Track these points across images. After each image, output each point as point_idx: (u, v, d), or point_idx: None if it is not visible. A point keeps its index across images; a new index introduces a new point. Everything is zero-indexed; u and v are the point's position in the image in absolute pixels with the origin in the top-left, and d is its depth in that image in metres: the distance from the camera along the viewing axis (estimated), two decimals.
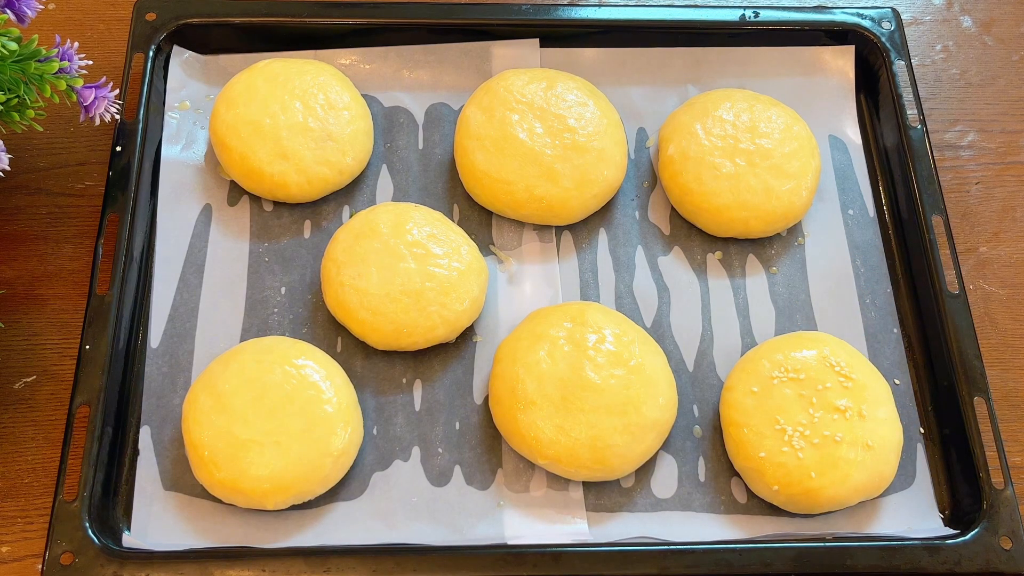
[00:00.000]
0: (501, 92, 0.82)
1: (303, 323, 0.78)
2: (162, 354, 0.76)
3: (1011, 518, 0.70)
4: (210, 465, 0.69)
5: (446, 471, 0.73)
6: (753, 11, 0.90)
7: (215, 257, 0.80)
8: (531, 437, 0.71)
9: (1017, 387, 0.80)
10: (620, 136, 0.83)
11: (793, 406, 0.72)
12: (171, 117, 0.84)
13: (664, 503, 0.73)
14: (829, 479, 0.70)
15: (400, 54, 0.89)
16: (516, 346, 0.74)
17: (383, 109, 0.87)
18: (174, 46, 0.86)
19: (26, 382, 0.76)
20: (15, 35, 0.69)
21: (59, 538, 0.66)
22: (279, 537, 0.70)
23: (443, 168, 0.85)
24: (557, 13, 0.89)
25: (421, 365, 0.77)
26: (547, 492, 0.73)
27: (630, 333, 0.75)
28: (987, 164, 0.91)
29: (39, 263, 0.80)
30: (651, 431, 0.72)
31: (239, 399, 0.70)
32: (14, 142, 0.81)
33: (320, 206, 0.83)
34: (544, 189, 0.80)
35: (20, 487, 0.72)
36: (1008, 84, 0.95)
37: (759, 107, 0.84)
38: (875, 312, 0.81)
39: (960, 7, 0.99)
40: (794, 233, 0.84)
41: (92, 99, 0.73)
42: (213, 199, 0.82)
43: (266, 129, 0.80)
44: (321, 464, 0.69)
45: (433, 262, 0.75)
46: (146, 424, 0.73)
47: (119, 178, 0.79)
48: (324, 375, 0.72)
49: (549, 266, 0.82)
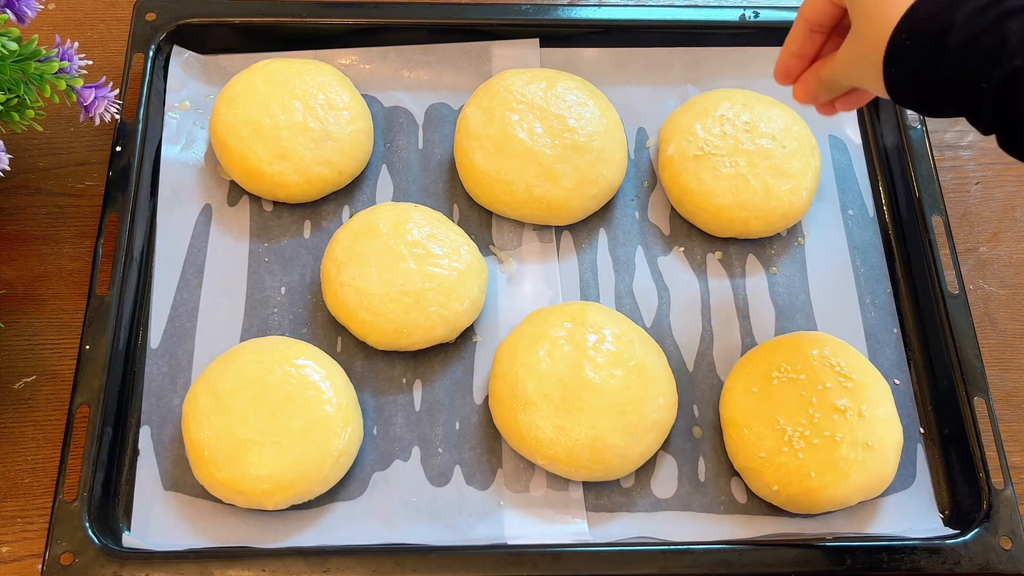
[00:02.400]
0: (501, 92, 0.82)
1: (303, 323, 0.78)
2: (162, 354, 0.76)
3: (1011, 518, 0.70)
4: (210, 465, 0.69)
5: (446, 471, 0.73)
6: (753, 11, 0.90)
7: (215, 257, 0.80)
8: (531, 437, 0.71)
9: (1017, 387, 0.80)
10: (620, 136, 0.83)
11: (793, 406, 0.72)
12: (171, 117, 0.84)
13: (664, 503, 0.73)
14: (829, 479, 0.70)
15: (400, 54, 0.89)
16: (516, 346, 0.74)
17: (383, 109, 0.87)
18: (174, 46, 0.86)
19: (26, 382, 0.76)
20: (15, 35, 0.69)
21: (59, 538, 0.66)
22: (279, 537, 0.70)
23: (443, 168, 0.85)
24: (557, 13, 0.89)
25: (421, 365, 0.77)
26: (547, 492, 0.73)
27: (630, 333, 0.75)
28: (987, 164, 0.91)
29: (39, 263, 0.80)
30: (651, 431, 0.72)
31: (239, 399, 0.70)
32: (14, 142, 0.81)
33: (320, 206, 0.83)
34: (544, 189, 0.80)
35: (20, 487, 0.72)
36: None
37: (759, 107, 0.84)
38: (875, 312, 0.81)
39: None
40: (794, 233, 0.84)
41: (92, 99, 0.73)
42: (213, 199, 0.82)
43: (266, 129, 0.80)
44: (321, 464, 0.69)
45: (433, 262, 0.75)
46: (146, 424, 0.73)
47: (119, 178, 0.79)
48: (324, 375, 0.72)
49: (549, 266, 0.82)
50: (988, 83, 0.52)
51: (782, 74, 0.68)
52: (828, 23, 0.64)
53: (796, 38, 0.66)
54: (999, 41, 0.51)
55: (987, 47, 0.52)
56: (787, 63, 0.68)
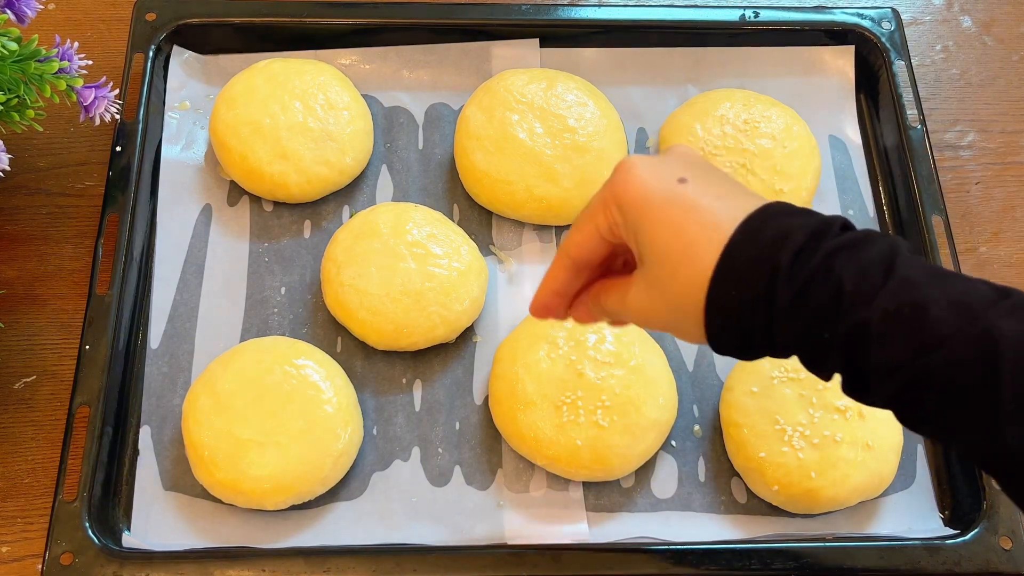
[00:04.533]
0: (501, 92, 0.82)
1: (303, 323, 0.78)
2: (162, 354, 0.76)
3: (1011, 518, 0.70)
4: (210, 465, 0.69)
5: (446, 471, 0.73)
6: (753, 11, 0.89)
7: (215, 257, 0.80)
8: (531, 437, 0.71)
9: None
10: (620, 136, 0.83)
11: (793, 406, 0.72)
12: (171, 117, 0.84)
13: (664, 503, 0.73)
14: (829, 479, 0.70)
15: (400, 54, 0.88)
16: (516, 346, 0.74)
17: (383, 109, 0.87)
18: (174, 46, 0.86)
19: (26, 382, 0.76)
20: (15, 35, 0.69)
21: (59, 538, 0.66)
22: (279, 537, 0.70)
23: (443, 168, 0.85)
24: (557, 13, 0.89)
25: (421, 365, 0.77)
26: (547, 492, 0.73)
27: (630, 333, 0.75)
28: (987, 164, 0.91)
29: (39, 263, 0.80)
30: (651, 431, 0.72)
31: (239, 399, 0.70)
32: (14, 142, 0.81)
33: (320, 206, 0.83)
34: (544, 189, 0.80)
35: (20, 487, 0.72)
36: (1008, 84, 0.95)
37: (759, 107, 0.84)
38: None
39: (960, 7, 0.99)
40: None
41: (92, 99, 0.73)
42: (213, 199, 0.82)
43: (266, 129, 0.80)
44: (321, 464, 0.69)
45: (433, 262, 0.75)
46: (146, 424, 0.73)
47: (119, 178, 0.79)
48: (324, 375, 0.72)
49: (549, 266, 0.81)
50: (832, 336, 0.46)
51: (541, 311, 0.58)
52: (598, 261, 0.55)
53: (557, 276, 0.56)
54: (835, 290, 0.45)
55: (822, 299, 0.46)
56: (548, 301, 0.57)
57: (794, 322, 0.46)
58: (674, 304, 0.50)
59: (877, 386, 0.46)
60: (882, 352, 0.45)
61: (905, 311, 0.45)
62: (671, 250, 0.49)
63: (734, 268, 0.47)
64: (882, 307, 0.45)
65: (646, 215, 0.50)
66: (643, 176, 0.50)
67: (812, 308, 0.46)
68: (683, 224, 0.49)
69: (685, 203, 0.49)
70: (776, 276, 0.46)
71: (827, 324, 0.46)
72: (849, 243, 0.47)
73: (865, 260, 0.46)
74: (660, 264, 0.49)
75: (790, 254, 0.46)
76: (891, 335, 0.45)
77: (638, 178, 0.50)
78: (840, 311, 0.46)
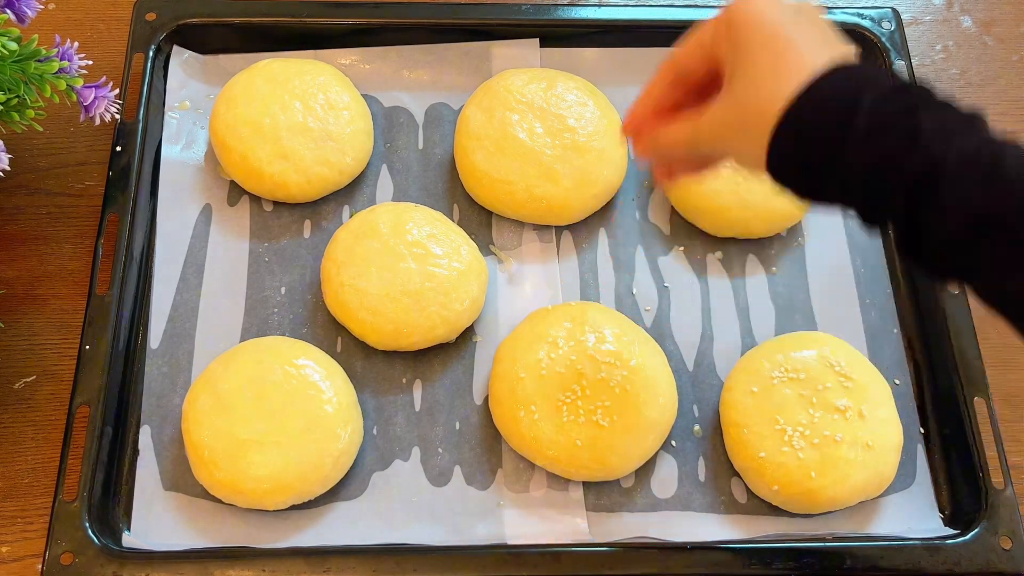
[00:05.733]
0: (501, 92, 0.82)
1: (303, 323, 0.78)
2: (162, 354, 0.76)
3: (1011, 518, 0.70)
4: (210, 465, 0.69)
5: (446, 471, 0.73)
6: None
7: (215, 257, 0.80)
8: (531, 437, 0.71)
9: (1017, 387, 0.80)
10: (620, 136, 0.83)
11: (793, 406, 0.72)
12: (171, 117, 0.84)
13: (664, 503, 0.73)
14: (829, 479, 0.70)
15: (400, 54, 0.89)
16: (516, 346, 0.74)
17: (383, 109, 0.87)
18: (174, 46, 0.86)
19: (26, 382, 0.76)
20: (15, 35, 0.69)
21: (59, 538, 0.66)
22: (279, 537, 0.70)
23: (443, 168, 0.85)
24: (557, 13, 0.89)
25: (421, 365, 0.77)
26: (547, 492, 0.73)
27: (630, 333, 0.75)
28: None
29: (39, 263, 0.80)
30: (651, 431, 0.72)
31: (239, 399, 0.70)
32: (14, 142, 0.81)
33: (320, 206, 0.83)
34: (544, 189, 0.80)
35: (20, 487, 0.72)
36: (1008, 84, 0.95)
37: None
38: (875, 312, 0.81)
39: (960, 7, 0.99)
40: (794, 233, 0.84)
41: (92, 99, 0.73)
42: (213, 199, 0.82)
43: (266, 129, 0.80)
44: (321, 464, 0.69)
45: (433, 262, 0.75)
46: (146, 424, 0.73)
47: (119, 178, 0.79)
48: (324, 375, 0.72)
49: (549, 266, 0.82)
50: (902, 170, 0.47)
51: (635, 122, 0.60)
52: (696, 77, 0.57)
53: (656, 86, 0.58)
54: (912, 128, 0.47)
55: (899, 133, 0.47)
56: (643, 112, 0.59)
57: (867, 149, 0.48)
58: (748, 120, 0.52)
59: (938, 224, 0.47)
60: (952, 191, 0.46)
61: (984, 155, 0.46)
62: (763, 66, 0.51)
63: (819, 94, 0.49)
64: (959, 147, 0.47)
65: (752, 35, 0.52)
66: (761, 3, 0.53)
67: (888, 139, 0.48)
68: (782, 49, 0.51)
69: (791, 34, 0.52)
70: (858, 106, 0.48)
71: (901, 155, 0.47)
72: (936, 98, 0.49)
73: (949, 113, 0.48)
74: (749, 77, 0.52)
75: (876, 92, 0.48)
76: (964, 176, 0.46)
77: (757, 3, 0.53)
78: (916, 146, 0.47)
